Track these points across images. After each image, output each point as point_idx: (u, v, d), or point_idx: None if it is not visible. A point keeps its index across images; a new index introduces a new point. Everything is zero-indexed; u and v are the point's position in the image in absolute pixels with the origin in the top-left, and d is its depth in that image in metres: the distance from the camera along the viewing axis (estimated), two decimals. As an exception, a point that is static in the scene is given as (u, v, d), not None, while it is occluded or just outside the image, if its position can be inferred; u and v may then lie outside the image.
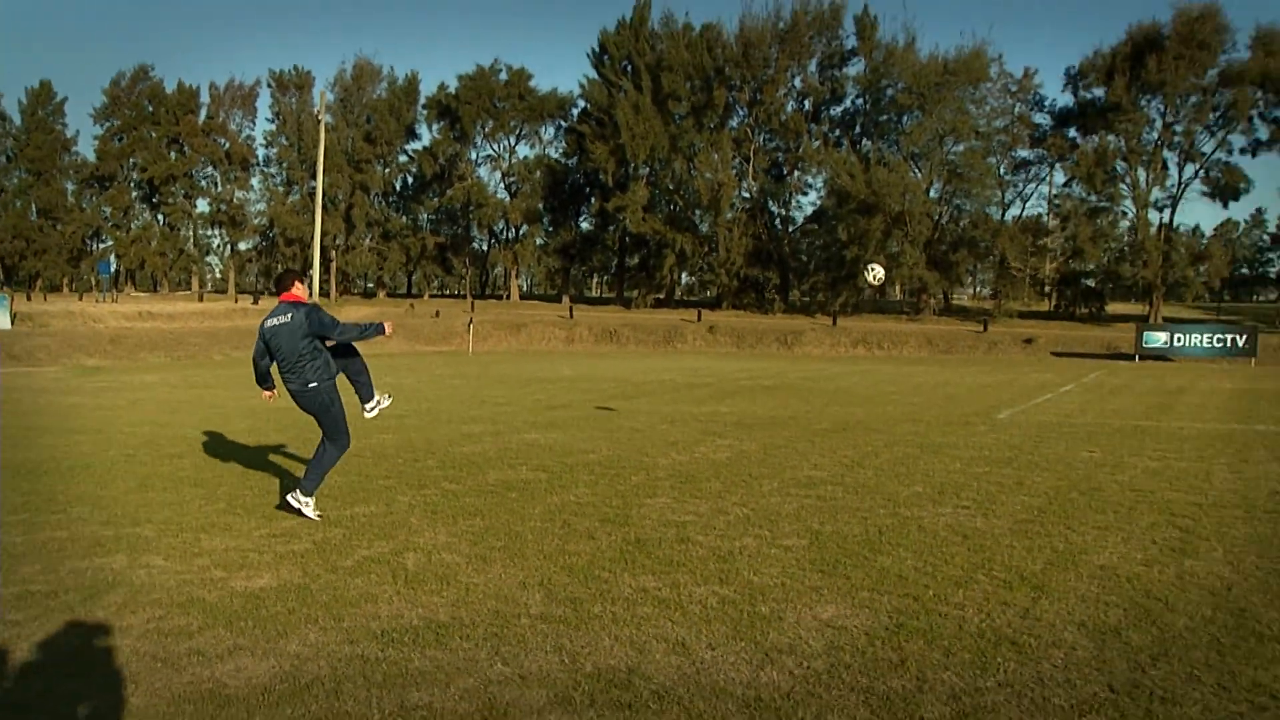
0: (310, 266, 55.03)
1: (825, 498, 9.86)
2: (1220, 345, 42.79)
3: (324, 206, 57.60)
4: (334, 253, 73.23)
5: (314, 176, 55.65)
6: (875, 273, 21.46)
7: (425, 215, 78.75)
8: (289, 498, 8.68)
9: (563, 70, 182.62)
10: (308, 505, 8.62)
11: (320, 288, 55.07)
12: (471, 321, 47.29)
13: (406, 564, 7.23)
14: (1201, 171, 60.43)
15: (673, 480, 10.82)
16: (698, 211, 66.88)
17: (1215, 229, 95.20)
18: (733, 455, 12.81)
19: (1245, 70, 55.37)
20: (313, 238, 53.30)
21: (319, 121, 50.79)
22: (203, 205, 79.47)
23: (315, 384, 8.59)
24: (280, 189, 77.12)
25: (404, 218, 78.35)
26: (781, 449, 13.44)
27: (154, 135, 76.58)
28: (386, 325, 8.78)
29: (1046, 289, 67.87)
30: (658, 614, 6.12)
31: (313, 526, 8.37)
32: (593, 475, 11.10)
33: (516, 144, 76.66)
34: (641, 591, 6.59)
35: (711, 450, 13.26)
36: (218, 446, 13.08)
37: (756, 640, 5.66)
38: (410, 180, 78.74)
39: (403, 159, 77.53)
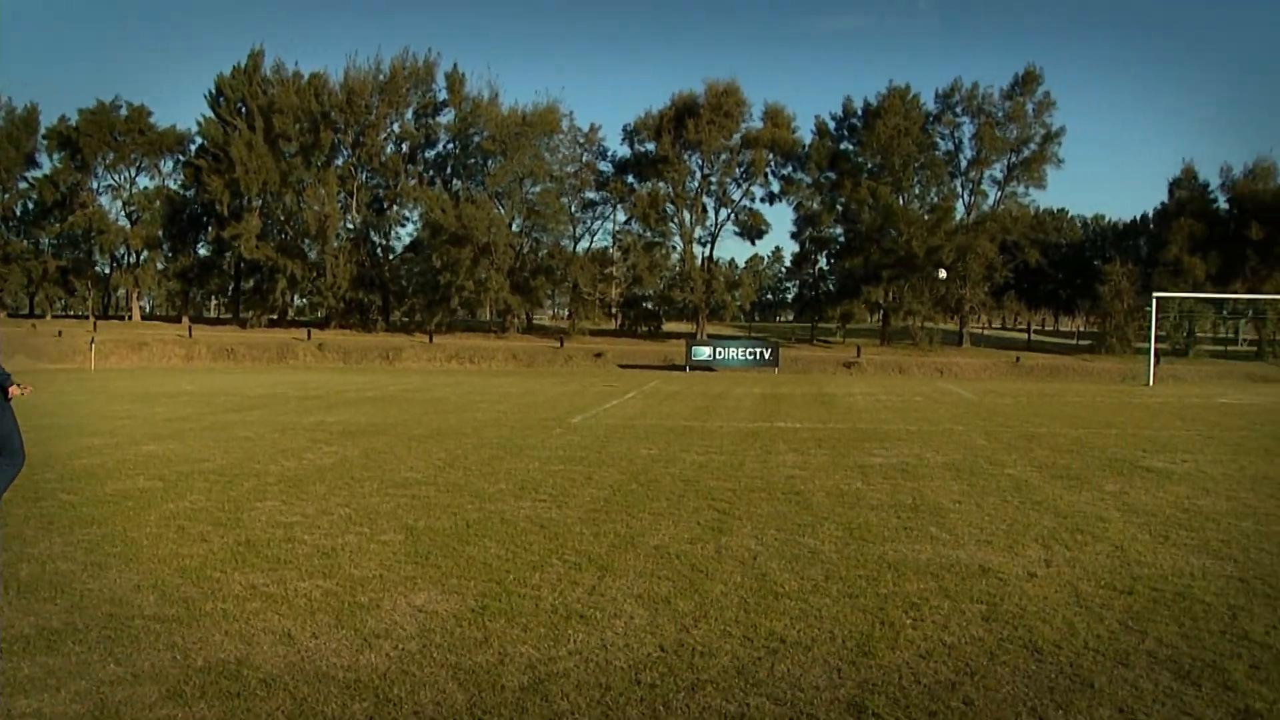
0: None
1: (420, 496, 9.77)
2: (751, 358, 46.44)
3: (-62, 229, 51.66)
4: (-51, 274, 65.17)
5: (-75, 200, 50.14)
6: (941, 273, 34.29)
7: (47, 240, 72.07)
8: None
9: (181, 108, 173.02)
10: None
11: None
12: (94, 341, 43.37)
13: (20, 575, 6.53)
14: (733, 215, 65.56)
15: (282, 485, 10.37)
16: (307, 240, 65.08)
17: (746, 262, 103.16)
18: (337, 460, 12.43)
19: (760, 136, 61.34)
20: (-76, 259, 47.70)
21: (-71, 147, 45.19)
22: None
23: None
24: (-111, 211, 67.89)
25: (25, 241, 71.09)
26: (382, 454, 13.19)
27: None
28: (13, 389, 7.79)
29: (613, 310, 70.90)
30: (266, 608, 5.88)
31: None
32: (207, 483, 10.46)
33: (137, 175, 71.55)
34: (251, 588, 6.31)
35: (318, 457, 12.80)
36: None
37: (356, 627, 5.53)
38: (31, 206, 71.59)
39: (23, 185, 70.44)
